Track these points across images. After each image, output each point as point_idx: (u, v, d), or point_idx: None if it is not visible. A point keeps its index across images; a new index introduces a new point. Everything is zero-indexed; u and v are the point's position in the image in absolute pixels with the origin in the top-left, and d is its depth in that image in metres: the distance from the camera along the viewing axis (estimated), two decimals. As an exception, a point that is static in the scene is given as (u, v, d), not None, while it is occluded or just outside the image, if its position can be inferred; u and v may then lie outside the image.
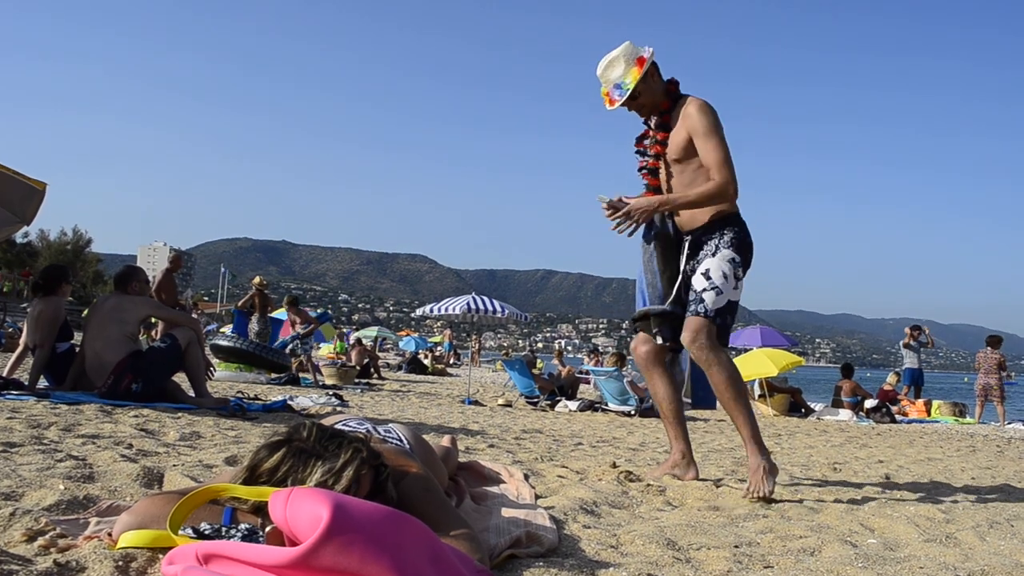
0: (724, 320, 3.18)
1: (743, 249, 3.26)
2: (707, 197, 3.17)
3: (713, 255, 3.21)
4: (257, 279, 12.35)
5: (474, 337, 29.53)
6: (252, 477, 1.59)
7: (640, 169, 3.46)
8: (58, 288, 5.62)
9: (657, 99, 3.31)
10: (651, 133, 3.36)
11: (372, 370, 14.23)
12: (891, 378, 14.32)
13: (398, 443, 2.12)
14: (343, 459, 1.58)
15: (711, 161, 3.16)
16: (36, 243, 52.63)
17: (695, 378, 5.52)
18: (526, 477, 3.16)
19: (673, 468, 3.46)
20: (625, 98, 3.25)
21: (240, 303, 12.64)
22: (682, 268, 3.33)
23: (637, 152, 3.49)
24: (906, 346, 14.36)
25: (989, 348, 13.18)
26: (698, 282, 3.20)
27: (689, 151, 3.23)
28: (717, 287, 3.16)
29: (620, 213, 3.20)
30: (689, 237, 3.32)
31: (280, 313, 14.00)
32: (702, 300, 3.16)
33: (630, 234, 3.29)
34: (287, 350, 11.16)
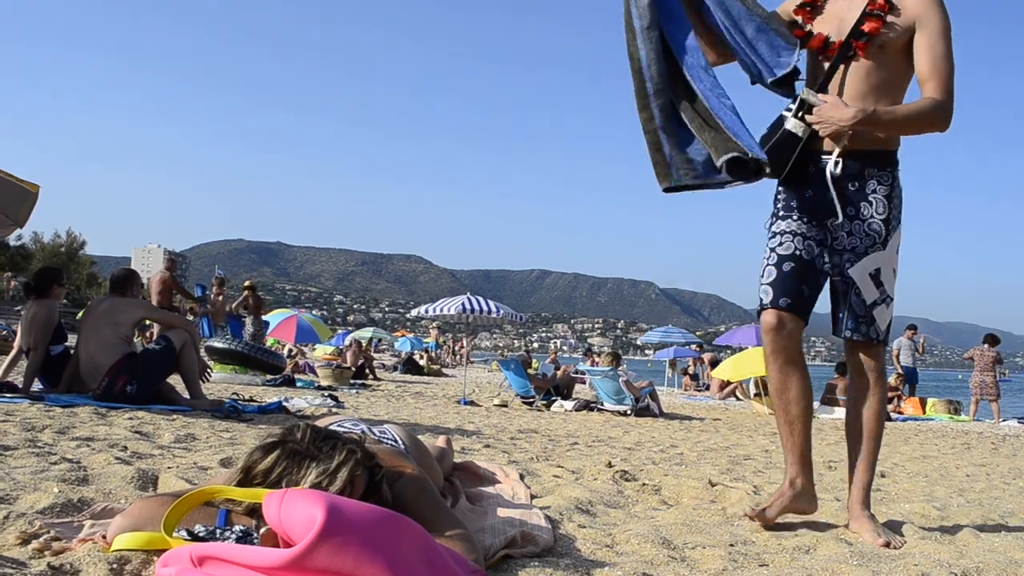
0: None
1: (901, 209, 2.49)
2: (925, 120, 2.33)
3: (884, 242, 2.42)
4: (220, 282, 12.39)
5: (456, 336, 29.50)
6: (246, 479, 1.59)
7: (804, 49, 2.49)
8: (51, 290, 5.61)
9: None
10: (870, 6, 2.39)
11: (367, 371, 14.23)
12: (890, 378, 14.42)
13: (393, 444, 2.12)
14: (337, 460, 1.58)
15: (939, 70, 2.32)
16: (30, 245, 52.46)
17: None
18: (522, 477, 3.16)
19: (793, 501, 2.49)
20: None
21: (233, 305, 12.65)
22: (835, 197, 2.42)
23: (801, 22, 2.51)
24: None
25: (986, 345, 13.23)
26: (868, 289, 2.44)
27: (897, 46, 2.38)
28: (890, 297, 2.47)
29: (819, 120, 2.33)
30: (841, 161, 2.41)
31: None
32: (874, 320, 2.46)
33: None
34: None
